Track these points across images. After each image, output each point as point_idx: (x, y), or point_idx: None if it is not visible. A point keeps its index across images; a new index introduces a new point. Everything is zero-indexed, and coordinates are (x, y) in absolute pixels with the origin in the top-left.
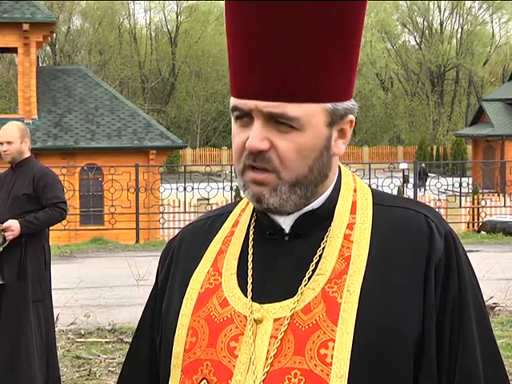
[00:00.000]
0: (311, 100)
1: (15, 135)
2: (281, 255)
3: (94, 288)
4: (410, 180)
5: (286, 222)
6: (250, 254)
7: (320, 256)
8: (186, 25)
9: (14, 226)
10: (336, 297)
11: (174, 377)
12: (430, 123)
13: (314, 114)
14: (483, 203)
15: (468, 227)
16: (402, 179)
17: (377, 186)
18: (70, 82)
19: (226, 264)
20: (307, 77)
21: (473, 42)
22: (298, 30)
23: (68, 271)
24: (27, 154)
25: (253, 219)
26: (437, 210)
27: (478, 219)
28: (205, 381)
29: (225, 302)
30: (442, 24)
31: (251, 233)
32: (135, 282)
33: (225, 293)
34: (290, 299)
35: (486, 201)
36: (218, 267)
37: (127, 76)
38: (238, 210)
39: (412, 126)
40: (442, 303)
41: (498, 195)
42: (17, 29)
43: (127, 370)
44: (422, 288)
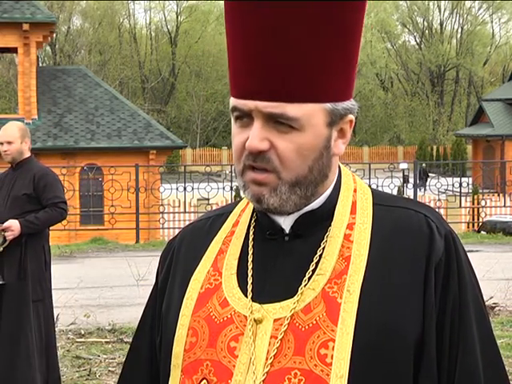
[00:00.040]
0: (311, 100)
1: (15, 135)
2: (281, 255)
3: (94, 288)
4: (410, 180)
5: (286, 222)
6: (250, 254)
7: (320, 256)
8: (186, 25)
9: (14, 225)
10: (336, 297)
11: (174, 377)
12: (430, 123)
13: (313, 114)
14: (483, 203)
15: (468, 227)
16: (402, 179)
17: (377, 186)
18: (70, 82)
19: (226, 264)
20: (307, 77)
21: (473, 42)
22: (297, 30)
23: (68, 271)
24: (27, 154)
25: (253, 219)
26: (437, 210)
27: (478, 219)
28: (205, 381)
29: (225, 302)
30: (442, 24)
31: (251, 233)
32: (135, 281)
33: (225, 293)
34: (290, 299)
35: (486, 201)
36: (218, 267)
37: (127, 76)
38: (238, 210)
39: (412, 126)
40: (442, 303)
41: (498, 195)
42: (17, 29)
43: (127, 370)
44: (422, 288)
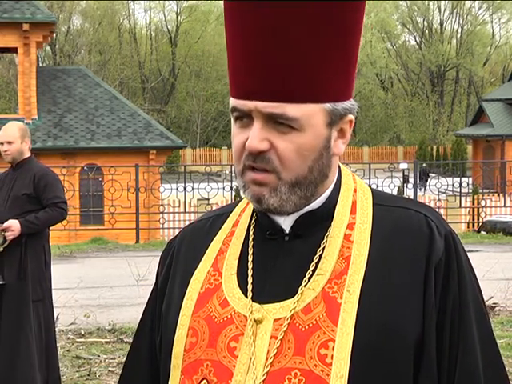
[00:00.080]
0: (311, 100)
1: (16, 135)
2: (281, 255)
3: (94, 288)
4: (410, 180)
5: (286, 222)
6: (250, 254)
7: (320, 256)
8: (186, 25)
9: (14, 225)
10: (336, 297)
11: (174, 377)
12: (430, 123)
13: (313, 115)
14: (483, 203)
15: (468, 227)
16: (402, 179)
17: (377, 186)
18: (70, 82)
19: (226, 264)
20: (307, 77)
21: (473, 42)
22: (297, 29)
23: (68, 271)
24: (27, 154)
25: (253, 219)
26: (437, 210)
27: (478, 219)
28: (205, 381)
29: (225, 302)
30: (442, 24)
31: (251, 233)
32: (135, 281)
33: (225, 293)
34: (290, 299)
35: (486, 201)
36: (218, 267)
37: (127, 76)
38: (238, 210)
39: (412, 126)
40: (442, 303)
41: (498, 195)
42: (17, 29)
43: (128, 370)
44: (422, 288)
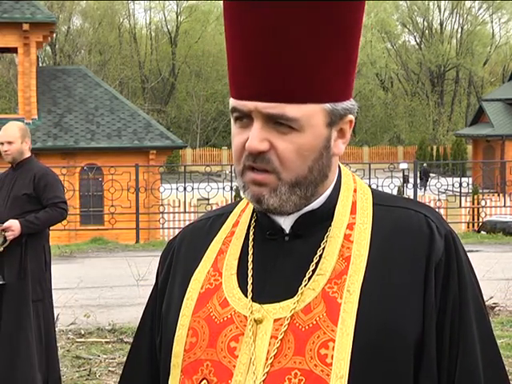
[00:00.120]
0: (311, 100)
1: (16, 135)
2: (281, 255)
3: (94, 288)
4: (410, 180)
5: (286, 223)
6: (250, 254)
7: (320, 256)
8: (186, 25)
9: (14, 225)
10: (336, 297)
11: (174, 376)
12: (430, 123)
13: (313, 115)
14: (483, 203)
15: (468, 227)
16: (402, 179)
17: (377, 186)
18: (70, 82)
19: (226, 264)
20: (307, 77)
21: (473, 42)
22: (297, 30)
23: (68, 271)
24: (28, 154)
25: (253, 219)
26: (437, 210)
27: (478, 219)
28: (205, 381)
29: (225, 303)
30: (441, 24)
31: (251, 233)
32: (135, 281)
33: (225, 293)
34: (290, 299)
35: (486, 201)
36: (219, 267)
37: (127, 76)
38: (238, 210)
39: (412, 126)
40: (442, 303)
41: (498, 195)
42: (17, 29)
43: (128, 370)
44: (422, 288)
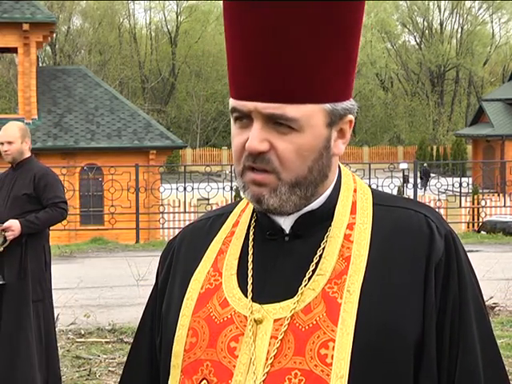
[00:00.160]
0: (310, 101)
1: (16, 135)
2: (281, 255)
3: (94, 288)
4: (410, 180)
5: (286, 223)
6: (250, 254)
7: (320, 256)
8: (186, 25)
9: (14, 225)
10: (336, 297)
11: (174, 376)
12: (430, 123)
13: (313, 115)
14: (483, 203)
15: (468, 227)
16: (402, 179)
17: (377, 186)
18: (70, 82)
19: (226, 264)
20: (307, 77)
21: (473, 42)
22: (297, 30)
23: (68, 271)
24: (28, 154)
25: (253, 219)
26: (437, 210)
27: (478, 219)
28: (205, 381)
29: (225, 303)
30: (441, 24)
31: (251, 233)
32: (135, 281)
33: (225, 293)
34: (290, 299)
35: (486, 201)
36: (219, 267)
37: (127, 76)
38: (238, 210)
39: (412, 126)
40: (442, 303)
41: (498, 195)
42: (17, 29)
43: (128, 370)
44: (422, 288)
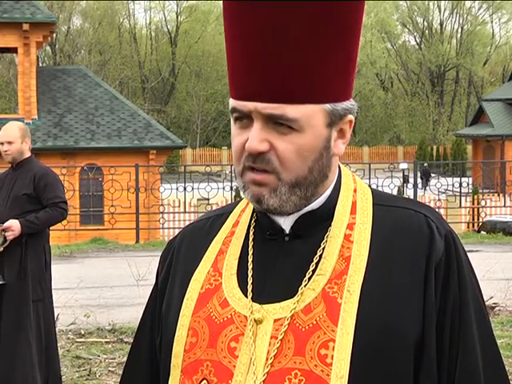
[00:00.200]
0: (310, 101)
1: (16, 135)
2: (281, 255)
3: (94, 288)
4: (410, 180)
5: (286, 223)
6: (250, 254)
7: (320, 256)
8: (186, 25)
9: (14, 225)
10: (336, 297)
11: (174, 377)
12: (430, 123)
13: (313, 115)
14: (483, 203)
15: (468, 227)
16: (402, 179)
17: (377, 186)
18: (70, 82)
19: (226, 264)
20: (307, 77)
21: (473, 42)
22: (297, 30)
23: (68, 271)
24: (28, 154)
25: (253, 219)
26: (437, 210)
27: (478, 219)
28: (205, 381)
29: (225, 303)
30: (441, 24)
31: (251, 233)
32: (135, 282)
33: (225, 293)
34: (290, 299)
35: (486, 201)
36: (219, 267)
37: (127, 76)
38: (238, 210)
39: (412, 126)
40: (442, 303)
41: (498, 195)
42: (17, 29)
43: (128, 371)
44: (422, 288)
